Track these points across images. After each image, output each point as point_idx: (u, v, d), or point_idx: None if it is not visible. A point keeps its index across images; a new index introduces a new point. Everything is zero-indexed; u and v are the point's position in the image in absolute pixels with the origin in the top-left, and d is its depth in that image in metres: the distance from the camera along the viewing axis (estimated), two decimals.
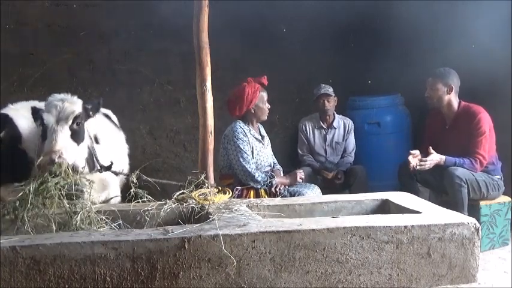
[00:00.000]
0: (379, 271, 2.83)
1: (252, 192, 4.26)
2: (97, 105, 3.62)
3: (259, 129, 4.59)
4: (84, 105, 3.47)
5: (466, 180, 4.17)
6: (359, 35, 6.13)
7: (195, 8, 3.82)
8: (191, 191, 3.55)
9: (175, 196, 3.51)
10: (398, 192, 3.83)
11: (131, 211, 3.32)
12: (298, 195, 4.15)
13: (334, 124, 5.36)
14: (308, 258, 2.76)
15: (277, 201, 3.63)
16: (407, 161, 4.28)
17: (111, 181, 3.69)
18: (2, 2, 5.27)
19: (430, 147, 4.32)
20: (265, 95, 4.44)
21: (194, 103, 4.01)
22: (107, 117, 4.15)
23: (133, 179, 3.52)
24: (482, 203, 4.35)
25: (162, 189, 3.78)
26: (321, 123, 5.38)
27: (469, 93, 4.57)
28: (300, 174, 4.48)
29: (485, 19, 4.55)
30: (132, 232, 2.81)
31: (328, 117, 5.37)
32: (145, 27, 5.69)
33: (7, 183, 3.42)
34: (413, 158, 4.30)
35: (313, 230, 2.77)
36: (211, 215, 3.13)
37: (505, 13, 4.67)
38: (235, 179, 4.32)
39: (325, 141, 5.36)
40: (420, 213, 3.14)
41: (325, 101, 5.26)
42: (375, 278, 2.82)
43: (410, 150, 4.37)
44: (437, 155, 4.30)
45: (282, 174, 4.52)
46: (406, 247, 2.84)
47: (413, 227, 2.85)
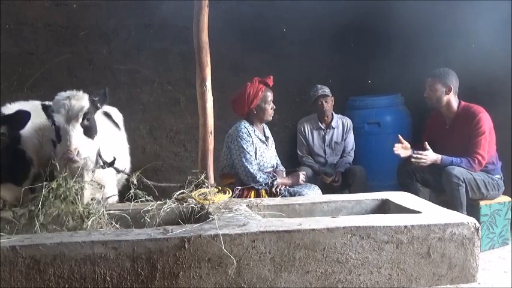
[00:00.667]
0: (379, 271, 2.83)
1: (252, 192, 4.25)
2: (103, 96, 3.62)
3: (264, 130, 4.57)
4: (91, 99, 3.48)
5: (464, 179, 4.17)
6: (359, 35, 6.12)
7: (195, 8, 3.82)
8: (191, 191, 3.55)
9: (175, 196, 3.52)
10: (399, 192, 3.84)
11: (130, 210, 3.33)
12: (298, 196, 4.14)
13: (333, 124, 5.35)
14: (308, 258, 2.76)
15: (277, 201, 3.64)
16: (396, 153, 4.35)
17: (109, 180, 3.69)
18: (2, 2, 5.26)
19: (426, 143, 4.34)
20: (269, 95, 4.40)
21: (194, 103, 4.01)
22: (106, 115, 4.14)
23: (134, 180, 3.52)
24: (482, 203, 4.35)
25: (162, 190, 3.78)
26: (319, 124, 5.37)
27: (469, 93, 4.57)
28: (302, 176, 4.48)
29: (485, 19, 4.55)
30: (132, 232, 2.81)
31: (326, 117, 5.36)
32: (145, 27, 5.69)
33: (6, 183, 3.42)
34: (403, 150, 4.32)
35: (313, 230, 2.77)
36: (211, 214, 3.13)
37: (505, 13, 4.67)
38: (236, 178, 4.32)
39: (324, 142, 5.36)
40: (420, 213, 3.14)
41: (323, 101, 5.26)
42: (375, 277, 2.83)
43: (395, 144, 4.40)
44: (433, 153, 4.31)
45: (284, 175, 4.51)
46: (406, 247, 2.84)
47: (413, 227, 2.85)
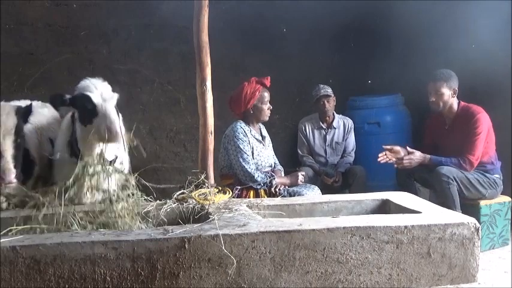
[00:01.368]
0: (379, 271, 2.83)
1: (251, 192, 4.26)
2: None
3: (260, 130, 4.58)
4: None
5: (454, 177, 4.17)
6: (359, 35, 6.12)
7: (195, 8, 3.82)
8: (191, 191, 3.55)
9: (175, 196, 3.51)
10: (399, 192, 3.83)
11: None
12: (298, 196, 4.14)
13: (334, 124, 5.36)
14: (308, 258, 2.76)
15: (277, 201, 3.63)
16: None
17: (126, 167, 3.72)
18: (2, 2, 5.26)
19: (408, 147, 4.39)
20: (266, 96, 4.42)
21: (194, 103, 4.01)
22: None
23: (132, 182, 3.51)
24: (482, 203, 4.35)
25: (161, 190, 3.77)
26: (320, 124, 5.37)
27: (469, 93, 4.57)
28: (301, 177, 4.48)
29: (485, 19, 4.55)
30: (132, 232, 2.81)
31: (328, 117, 5.37)
32: (145, 27, 5.69)
33: None
34: (392, 154, 4.38)
35: (313, 230, 2.76)
36: (211, 214, 3.13)
37: (505, 13, 4.67)
38: (235, 179, 4.32)
39: (325, 142, 5.36)
40: (420, 213, 3.14)
41: (325, 101, 5.27)
42: (375, 278, 2.82)
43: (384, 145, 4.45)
44: (420, 154, 4.33)
45: (283, 175, 4.51)
46: (406, 247, 2.84)
47: (413, 227, 2.85)
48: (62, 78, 5.48)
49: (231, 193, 3.73)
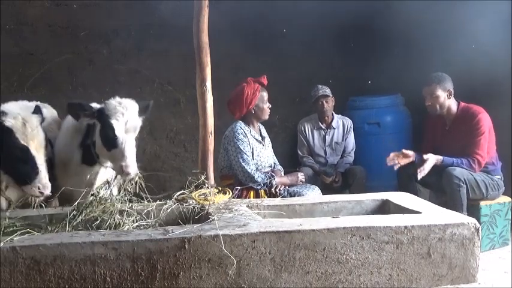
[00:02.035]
0: (379, 271, 2.83)
1: (251, 192, 4.26)
2: (145, 108, 3.70)
3: (260, 130, 4.58)
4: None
5: (464, 180, 4.17)
6: (359, 35, 6.12)
7: (195, 8, 3.82)
8: (191, 191, 3.55)
9: (175, 196, 3.51)
10: (399, 192, 3.83)
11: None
12: (298, 196, 4.14)
13: (333, 124, 5.36)
14: (308, 258, 2.76)
15: (277, 201, 3.63)
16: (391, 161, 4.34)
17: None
18: (2, 2, 5.26)
19: (424, 155, 4.32)
20: (265, 95, 4.44)
21: (194, 103, 4.01)
22: None
23: (128, 187, 3.50)
24: (482, 203, 4.35)
25: (161, 189, 3.77)
26: (320, 124, 5.37)
27: (469, 94, 4.57)
28: (301, 177, 4.48)
29: (485, 19, 4.55)
30: (132, 232, 2.81)
31: (327, 117, 5.37)
32: (145, 27, 5.69)
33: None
34: (403, 159, 4.32)
35: (313, 230, 2.76)
36: (211, 215, 3.13)
37: (505, 13, 4.67)
38: (235, 179, 4.32)
39: (325, 142, 5.36)
40: (420, 213, 3.14)
41: (324, 102, 5.26)
42: (375, 278, 2.82)
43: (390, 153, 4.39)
44: (433, 157, 4.30)
45: (282, 175, 4.51)
46: (406, 247, 2.84)
47: (413, 227, 2.85)
48: (62, 78, 5.48)
49: (231, 193, 3.73)
